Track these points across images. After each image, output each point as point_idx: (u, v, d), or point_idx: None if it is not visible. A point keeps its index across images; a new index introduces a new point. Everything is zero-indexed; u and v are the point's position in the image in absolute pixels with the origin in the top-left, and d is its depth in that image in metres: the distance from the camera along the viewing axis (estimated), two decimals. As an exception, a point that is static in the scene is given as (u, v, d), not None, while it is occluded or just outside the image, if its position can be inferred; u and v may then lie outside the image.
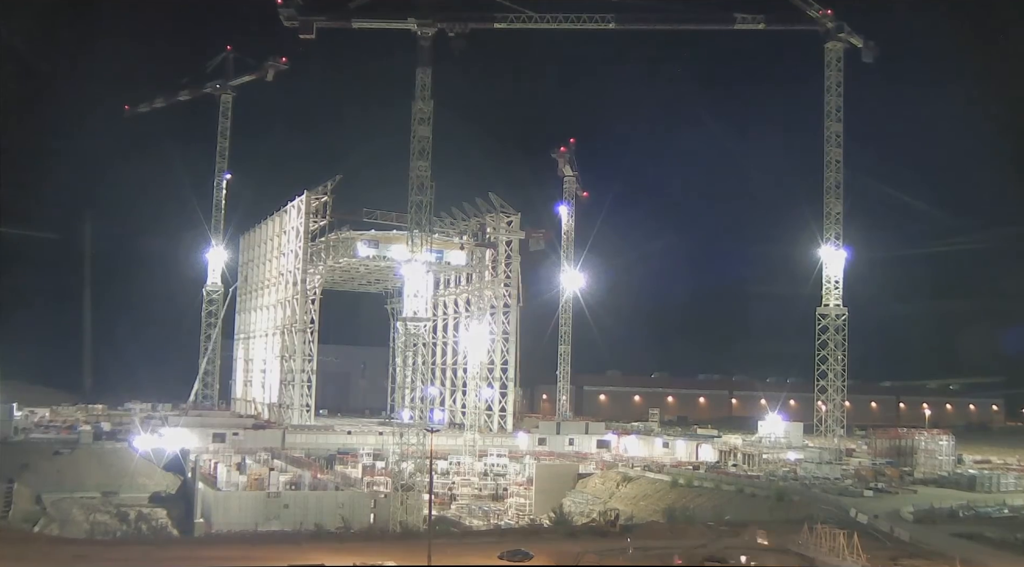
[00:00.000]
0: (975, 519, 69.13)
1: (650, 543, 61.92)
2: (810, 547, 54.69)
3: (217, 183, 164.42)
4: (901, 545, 58.41)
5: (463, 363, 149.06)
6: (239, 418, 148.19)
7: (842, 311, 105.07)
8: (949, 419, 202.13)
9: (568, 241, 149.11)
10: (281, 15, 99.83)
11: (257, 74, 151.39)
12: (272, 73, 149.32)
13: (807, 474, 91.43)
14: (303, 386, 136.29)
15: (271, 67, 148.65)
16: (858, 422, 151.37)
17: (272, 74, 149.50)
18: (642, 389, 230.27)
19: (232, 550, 62.63)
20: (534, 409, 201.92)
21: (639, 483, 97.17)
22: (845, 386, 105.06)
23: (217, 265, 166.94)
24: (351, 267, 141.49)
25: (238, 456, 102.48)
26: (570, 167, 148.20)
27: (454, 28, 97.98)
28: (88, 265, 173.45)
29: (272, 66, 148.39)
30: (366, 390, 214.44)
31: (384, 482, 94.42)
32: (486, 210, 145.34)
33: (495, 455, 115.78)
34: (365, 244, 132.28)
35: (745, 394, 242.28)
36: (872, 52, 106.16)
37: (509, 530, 75.58)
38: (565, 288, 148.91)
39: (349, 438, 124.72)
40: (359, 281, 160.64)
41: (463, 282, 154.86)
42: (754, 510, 76.88)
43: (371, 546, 63.98)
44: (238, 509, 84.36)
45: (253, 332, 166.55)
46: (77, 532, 72.31)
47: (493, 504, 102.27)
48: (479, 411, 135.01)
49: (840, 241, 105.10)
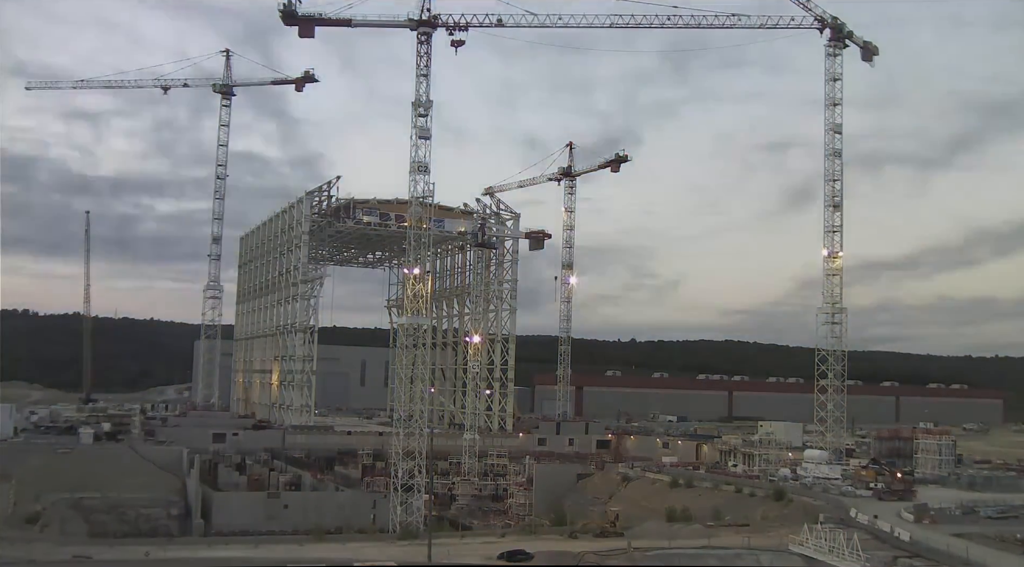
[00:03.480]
0: (975, 519, 69.12)
1: (649, 544, 61.91)
2: (810, 547, 54.66)
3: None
4: (901, 545, 58.39)
5: (462, 363, 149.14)
6: (239, 418, 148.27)
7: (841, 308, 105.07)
8: (950, 419, 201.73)
9: (568, 241, 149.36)
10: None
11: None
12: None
13: (807, 474, 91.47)
14: (303, 386, 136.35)
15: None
16: (858, 422, 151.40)
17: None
18: (642, 389, 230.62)
19: (232, 550, 62.65)
20: (534, 409, 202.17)
21: (639, 483, 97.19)
22: (845, 386, 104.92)
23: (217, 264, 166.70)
24: (354, 232, 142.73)
25: (238, 456, 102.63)
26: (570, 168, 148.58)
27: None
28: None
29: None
30: (366, 390, 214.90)
31: (384, 482, 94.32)
32: (486, 210, 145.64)
33: (495, 455, 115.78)
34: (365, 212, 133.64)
35: (745, 394, 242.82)
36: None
37: (509, 530, 75.51)
38: (565, 288, 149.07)
39: (349, 438, 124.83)
40: (359, 258, 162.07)
41: (463, 282, 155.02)
42: (754, 510, 76.88)
43: (371, 546, 64.04)
44: (238, 509, 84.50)
45: (253, 332, 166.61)
46: (77, 532, 72.24)
47: (493, 504, 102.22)
48: (479, 411, 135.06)
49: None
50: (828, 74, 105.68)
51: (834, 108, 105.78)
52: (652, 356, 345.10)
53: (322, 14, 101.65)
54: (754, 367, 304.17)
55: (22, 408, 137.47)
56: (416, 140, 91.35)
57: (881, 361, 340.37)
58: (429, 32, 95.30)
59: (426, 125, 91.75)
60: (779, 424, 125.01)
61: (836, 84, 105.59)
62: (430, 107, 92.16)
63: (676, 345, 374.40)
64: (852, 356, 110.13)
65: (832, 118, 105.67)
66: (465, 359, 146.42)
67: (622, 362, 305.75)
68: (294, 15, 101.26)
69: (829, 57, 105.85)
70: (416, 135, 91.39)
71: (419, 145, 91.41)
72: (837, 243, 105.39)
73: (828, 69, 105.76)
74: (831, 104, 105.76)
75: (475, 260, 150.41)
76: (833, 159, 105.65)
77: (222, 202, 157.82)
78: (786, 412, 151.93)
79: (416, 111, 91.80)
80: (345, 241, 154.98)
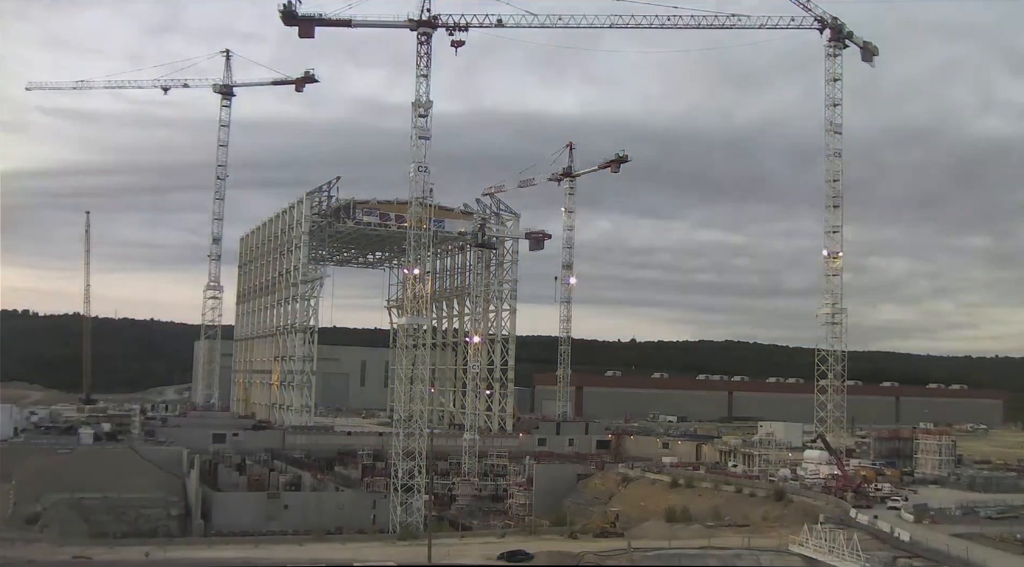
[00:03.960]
0: (975, 519, 69.12)
1: (649, 544, 61.93)
2: (810, 547, 54.70)
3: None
4: (901, 545, 58.40)
5: (462, 364, 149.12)
6: (239, 419, 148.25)
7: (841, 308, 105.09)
8: (950, 419, 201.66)
9: (568, 242, 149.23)
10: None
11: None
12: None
13: (807, 474, 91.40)
14: (303, 387, 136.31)
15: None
16: (858, 422, 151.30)
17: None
18: (642, 389, 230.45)
19: (232, 550, 62.68)
20: (534, 410, 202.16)
21: (639, 483, 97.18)
22: (845, 387, 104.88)
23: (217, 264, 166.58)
24: (353, 232, 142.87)
25: (238, 457, 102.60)
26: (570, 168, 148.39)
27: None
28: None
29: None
30: (366, 390, 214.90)
31: (384, 482, 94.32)
32: (487, 210, 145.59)
33: (495, 455, 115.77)
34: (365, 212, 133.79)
35: (745, 394, 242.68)
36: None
37: (509, 530, 75.55)
38: (564, 288, 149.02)
39: (349, 439, 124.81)
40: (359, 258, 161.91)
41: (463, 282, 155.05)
42: (754, 510, 76.87)
43: (371, 546, 64.07)
44: (238, 510, 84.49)
45: (253, 333, 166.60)
46: (77, 532, 72.22)
47: (493, 504, 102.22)
48: (479, 412, 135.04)
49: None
50: (828, 74, 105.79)
51: (834, 108, 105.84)
52: (652, 356, 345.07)
53: (322, 14, 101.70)
54: (754, 367, 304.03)
55: (22, 408, 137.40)
56: (416, 140, 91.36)
57: (881, 361, 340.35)
58: (429, 32, 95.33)
59: (426, 125, 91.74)
60: (779, 424, 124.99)
61: (836, 84, 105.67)
62: (430, 107, 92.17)
63: (676, 345, 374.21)
64: (852, 356, 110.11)
65: (832, 118, 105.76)
66: (465, 359, 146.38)
67: (622, 362, 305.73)
68: (294, 15, 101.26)
69: (829, 57, 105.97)
70: (416, 135, 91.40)
71: (419, 145, 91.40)
72: (837, 243, 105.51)
73: (828, 69, 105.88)
74: (831, 104, 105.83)
75: (475, 260, 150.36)
76: (833, 159, 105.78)
77: (222, 202, 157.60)
78: (786, 412, 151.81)
79: (416, 111, 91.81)
80: (345, 241, 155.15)
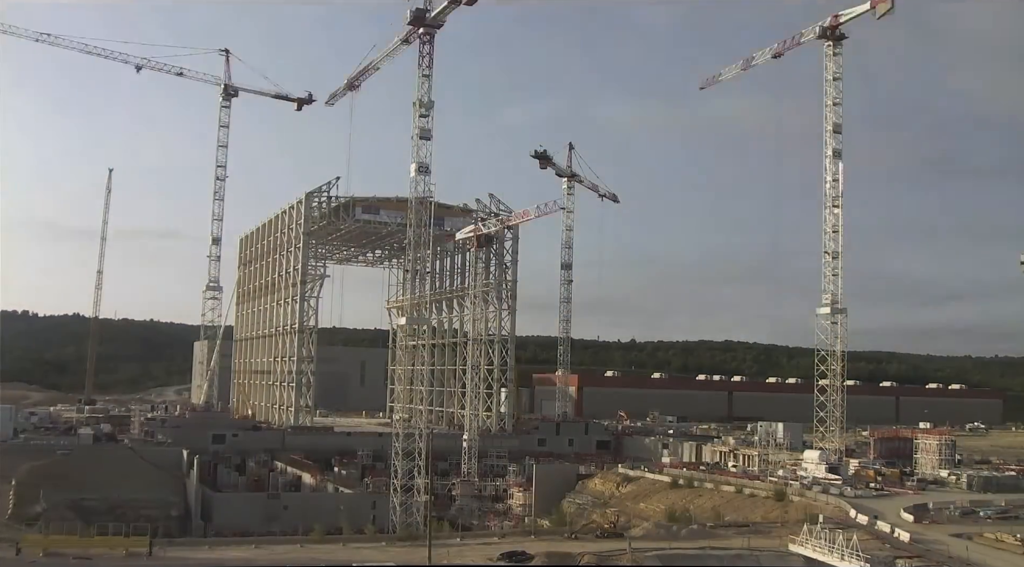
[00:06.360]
0: (975, 519, 69.15)
1: (649, 544, 61.92)
2: (810, 547, 54.65)
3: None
4: (901, 545, 58.40)
5: (462, 364, 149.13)
6: (239, 419, 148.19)
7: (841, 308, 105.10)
8: (950, 419, 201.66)
9: (568, 242, 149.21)
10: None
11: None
12: None
13: (807, 475, 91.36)
14: (302, 387, 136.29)
15: None
16: (858, 422, 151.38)
17: None
18: (642, 389, 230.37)
19: (232, 550, 62.65)
20: (534, 410, 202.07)
21: (639, 483, 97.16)
22: (844, 387, 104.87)
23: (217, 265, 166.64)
24: (353, 230, 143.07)
25: (238, 457, 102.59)
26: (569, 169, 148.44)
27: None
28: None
29: None
30: (366, 390, 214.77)
31: (384, 483, 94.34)
32: (485, 210, 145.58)
33: (495, 456, 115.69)
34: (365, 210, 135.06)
35: (745, 394, 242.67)
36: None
37: (509, 530, 75.54)
38: (564, 288, 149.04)
39: (348, 439, 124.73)
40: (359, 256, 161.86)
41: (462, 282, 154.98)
42: (754, 511, 76.86)
43: (371, 546, 64.04)
44: (238, 510, 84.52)
45: (253, 333, 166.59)
46: (77, 532, 72.15)
47: (493, 504, 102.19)
48: (479, 412, 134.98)
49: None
50: (828, 74, 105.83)
51: (834, 108, 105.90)
52: (652, 356, 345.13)
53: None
54: (754, 368, 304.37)
55: (22, 409, 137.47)
56: (417, 140, 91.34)
57: (881, 361, 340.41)
58: (431, 32, 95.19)
59: (427, 125, 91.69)
60: (779, 424, 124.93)
61: (836, 84, 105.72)
62: (431, 107, 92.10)
63: (676, 345, 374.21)
64: (852, 356, 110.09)
65: (832, 118, 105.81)
66: (465, 359, 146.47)
67: (622, 362, 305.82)
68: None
69: (829, 57, 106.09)
70: (417, 135, 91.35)
71: (420, 145, 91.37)
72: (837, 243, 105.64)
73: (828, 69, 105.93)
74: (831, 104, 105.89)
75: (475, 260, 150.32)
76: (833, 159, 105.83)
77: (222, 203, 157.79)
78: (786, 412, 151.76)
79: (417, 111, 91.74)
80: (345, 240, 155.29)
